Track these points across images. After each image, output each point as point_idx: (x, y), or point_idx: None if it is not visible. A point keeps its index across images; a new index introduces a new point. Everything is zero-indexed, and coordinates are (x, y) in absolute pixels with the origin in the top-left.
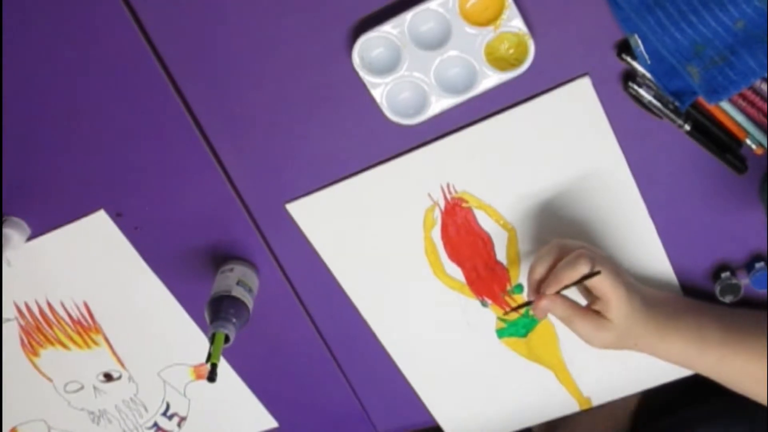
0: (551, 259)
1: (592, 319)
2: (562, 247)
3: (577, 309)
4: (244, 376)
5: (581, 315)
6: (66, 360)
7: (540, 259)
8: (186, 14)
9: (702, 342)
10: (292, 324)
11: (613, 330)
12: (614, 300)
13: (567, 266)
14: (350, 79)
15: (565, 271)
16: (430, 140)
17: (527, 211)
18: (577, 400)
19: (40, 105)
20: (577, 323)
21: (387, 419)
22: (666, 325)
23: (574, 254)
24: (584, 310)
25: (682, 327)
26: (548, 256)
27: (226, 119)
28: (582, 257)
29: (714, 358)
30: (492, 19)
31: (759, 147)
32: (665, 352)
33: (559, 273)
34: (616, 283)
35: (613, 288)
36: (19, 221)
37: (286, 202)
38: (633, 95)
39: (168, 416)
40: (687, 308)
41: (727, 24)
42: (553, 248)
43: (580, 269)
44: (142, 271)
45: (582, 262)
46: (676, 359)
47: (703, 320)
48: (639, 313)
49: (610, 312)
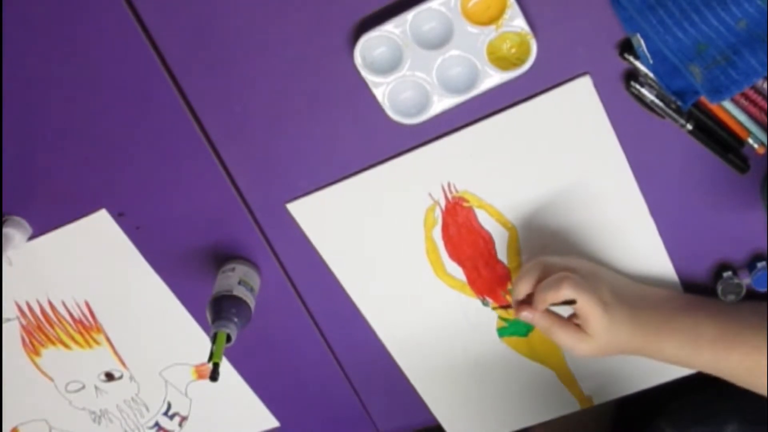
0: (534, 278)
1: (573, 331)
2: (546, 266)
3: (557, 321)
4: (246, 376)
5: (562, 327)
6: (67, 359)
7: (523, 278)
8: (188, 14)
9: (696, 341)
10: (294, 323)
11: (593, 342)
12: (592, 320)
13: (549, 289)
14: (352, 78)
15: (547, 294)
16: (432, 140)
17: (528, 210)
18: (579, 399)
19: (41, 104)
20: (557, 335)
21: (388, 418)
22: (658, 329)
23: (557, 278)
24: (565, 322)
25: (676, 329)
26: (531, 274)
27: (227, 118)
28: (564, 281)
29: (709, 356)
30: (494, 18)
31: (761, 146)
32: (658, 354)
33: (541, 294)
34: (593, 304)
35: (591, 308)
36: (21, 220)
37: (287, 202)
38: (635, 95)
39: (169, 416)
40: (682, 307)
41: (729, 23)
42: (537, 266)
43: (562, 293)
44: (143, 271)
45: (565, 286)
46: (671, 360)
47: (699, 318)
48: (621, 325)
49: (589, 328)
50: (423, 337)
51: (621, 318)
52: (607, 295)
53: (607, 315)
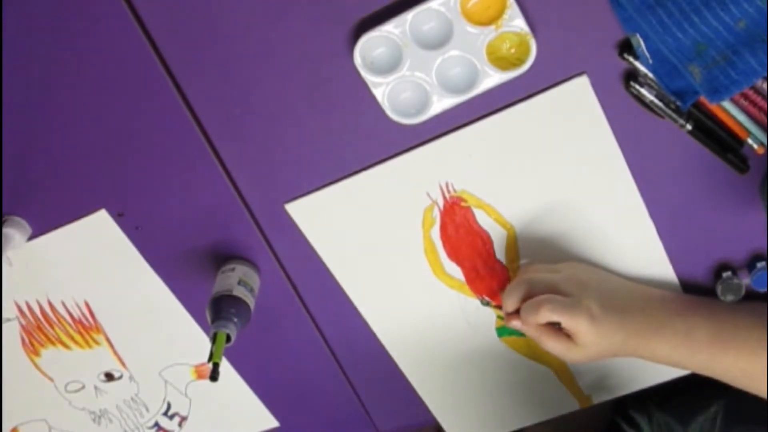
0: (519, 296)
1: (562, 340)
2: (531, 283)
3: (546, 330)
4: (246, 376)
5: (551, 337)
6: (67, 359)
7: (509, 294)
8: (188, 14)
9: (690, 343)
10: (294, 324)
11: (583, 351)
12: (580, 334)
13: (529, 314)
14: (352, 78)
15: (528, 317)
16: (431, 139)
17: (526, 209)
18: (578, 398)
19: (41, 104)
20: (547, 344)
21: (388, 418)
22: (651, 332)
23: (535, 303)
24: (554, 332)
25: (669, 331)
26: (516, 291)
27: (227, 119)
28: (542, 307)
29: (704, 357)
30: (493, 18)
31: (760, 146)
32: (651, 356)
33: (523, 316)
34: (577, 321)
35: (576, 325)
36: (20, 221)
37: (286, 202)
38: (635, 95)
39: (169, 416)
40: (677, 309)
41: (728, 23)
42: (521, 284)
43: (541, 316)
44: (143, 271)
45: (543, 311)
46: (665, 361)
47: (693, 320)
48: (612, 333)
49: (578, 340)
50: (422, 337)
51: (611, 326)
52: (595, 306)
53: (594, 327)
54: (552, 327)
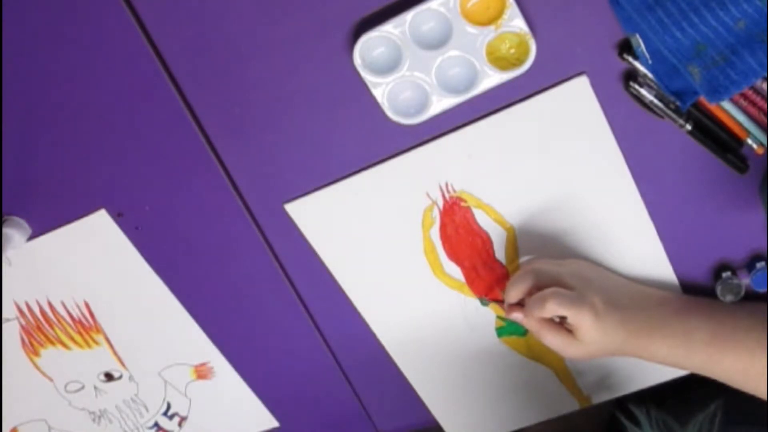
0: (525, 287)
1: (563, 335)
2: (537, 274)
3: (546, 324)
4: (246, 376)
5: (552, 331)
6: (67, 360)
7: (514, 285)
8: (187, 14)
9: (689, 344)
10: (294, 324)
11: (583, 347)
12: (582, 330)
13: (535, 307)
14: (351, 78)
15: (533, 311)
16: (430, 140)
17: (526, 209)
18: (578, 398)
19: (41, 104)
20: (547, 338)
21: (387, 419)
22: (650, 332)
23: (541, 296)
24: (555, 326)
25: (668, 332)
26: (522, 282)
27: (226, 119)
28: (549, 300)
29: (702, 358)
30: (493, 18)
31: (760, 146)
32: (650, 356)
33: (528, 310)
34: (582, 316)
35: (580, 320)
36: (20, 221)
37: (285, 202)
38: (634, 95)
39: (169, 416)
40: (676, 310)
41: (728, 23)
42: (528, 274)
43: (547, 310)
44: (142, 271)
45: (549, 305)
46: (664, 362)
47: (692, 321)
48: (613, 330)
49: (579, 336)
50: (421, 337)
51: (612, 324)
52: (599, 302)
53: (597, 323)
54: (552, 321)
